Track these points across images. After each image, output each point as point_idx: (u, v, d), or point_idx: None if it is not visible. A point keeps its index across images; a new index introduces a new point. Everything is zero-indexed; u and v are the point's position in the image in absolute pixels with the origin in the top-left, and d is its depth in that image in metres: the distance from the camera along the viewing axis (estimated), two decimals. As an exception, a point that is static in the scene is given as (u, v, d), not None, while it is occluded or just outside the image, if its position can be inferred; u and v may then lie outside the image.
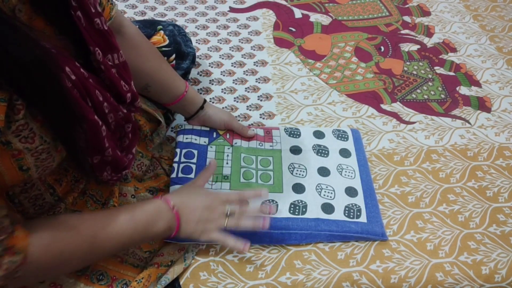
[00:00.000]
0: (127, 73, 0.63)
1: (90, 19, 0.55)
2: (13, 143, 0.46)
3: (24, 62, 0.42)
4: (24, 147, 0.48)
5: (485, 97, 1.05)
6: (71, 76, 0.50)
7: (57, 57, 0.48)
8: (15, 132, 0.46)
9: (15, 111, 0.45)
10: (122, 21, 0.75)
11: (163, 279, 0.68)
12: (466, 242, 0.77)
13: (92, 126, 0.53)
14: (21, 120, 0.46)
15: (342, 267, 0.73)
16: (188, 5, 1.31)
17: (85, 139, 0.54)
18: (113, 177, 0.63)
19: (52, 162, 0.53)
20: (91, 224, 0.58)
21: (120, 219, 0.60)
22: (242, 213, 0.69)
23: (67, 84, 0.49)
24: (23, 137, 0.47)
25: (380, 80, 1.09)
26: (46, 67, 0.45)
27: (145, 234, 0.62)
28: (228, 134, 0.89)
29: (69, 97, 0.49)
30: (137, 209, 0.63)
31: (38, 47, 0.44)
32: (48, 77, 0.45)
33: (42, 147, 0.50)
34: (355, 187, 0.82)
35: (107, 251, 0.61)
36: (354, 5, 1.34)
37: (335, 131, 0.92)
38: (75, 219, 0.58)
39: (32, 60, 0.43)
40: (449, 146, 0.93)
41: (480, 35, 1.24)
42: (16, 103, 0.45)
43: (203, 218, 0.67)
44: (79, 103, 0.51)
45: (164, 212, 0.64)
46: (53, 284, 0.61)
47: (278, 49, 1.17)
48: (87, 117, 0.52)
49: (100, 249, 0.59)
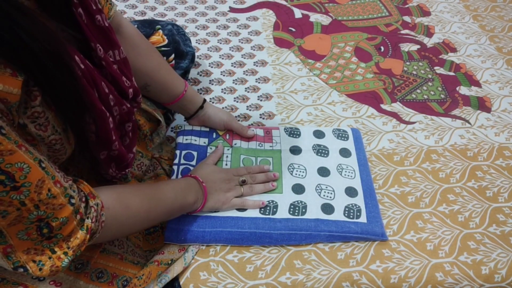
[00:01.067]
0: (128, 69, 0.64)
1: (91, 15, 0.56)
2: (29, 127, 0.47)
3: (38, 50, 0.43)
4: (37, 134, 0.48)
5: (485, 97, 1.05)
6: (80, 65, 0.51)
7: (67, 45, 0.49)
8: (31, 117, 0.47)
9: (32, 97, 0.46)
10: (121, 21, 0.75)
11: (163, 278, 0.68)
12: (466, 242, 0.77)
13: (101, 116, 0.54)
14: (38, 107, 0.47)
15: (342, 267, 0.72)
16: (188, 5, 1.31)
17: (93, 131, 0.55)
18: (117, 174, 0.65)
19: (64, 154, 0.54)
20: (145, 189, 0.65)
21: (163, 188, 0.67)
22: (253, 181, 0.79)
23: (78, 72, 0.50)
24: (38, 124, 0.48)
25: (380, 80, 1.09)
26: (60, 54, 0.46)
27: (182, 203, 0.69)
28: (227, 134, 0.89)
29: (79, 85, 0.50)
30: (174, 182, 0.73)
31: (51, 35, 0.45)
32: (61, 64, 0.46)
33: (54, 137, 0.51)
34: (355, 187, 0.82)
35: (159, 214, 0.66)
36: (354, 5, 1.34)
37: (335, 130, 0.92)
38: (130, 186, 0.63)
39: (46, 48, 0.44)
40: (449, 146, 0.93)
41: (480, 35, 1.24)
42: (33, 89, 0.46)
43: (223, 188, 0.75)
44: (89, 92, 0.52)
45: (194, 185, 0.72)
46: (53, 282, 0.61)
47: (278, 49, 1.17)
48: (96, 106, 0.53)
49: (155, 212, 0.64)
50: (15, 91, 0.43)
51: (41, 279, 0.60)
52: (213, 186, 0.74)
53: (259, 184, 0.79)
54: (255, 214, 0.76)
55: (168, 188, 0.68)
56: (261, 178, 0.80)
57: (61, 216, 0.48)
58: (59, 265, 0.49)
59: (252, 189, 0.78)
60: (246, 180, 0.78)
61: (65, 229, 0.49)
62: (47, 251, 0.49)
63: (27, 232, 0.47)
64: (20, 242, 0.47)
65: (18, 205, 0.44)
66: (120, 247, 0.69)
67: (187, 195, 0.69)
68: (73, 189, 0.50)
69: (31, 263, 0.48)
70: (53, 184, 0.47)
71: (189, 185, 0.71)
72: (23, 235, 0.47)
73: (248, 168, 0.81)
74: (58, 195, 0.47)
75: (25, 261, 0.48)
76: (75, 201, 0.50)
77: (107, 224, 0.55)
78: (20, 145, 0.44)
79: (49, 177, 0.47)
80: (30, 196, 0.44)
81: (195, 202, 0.71)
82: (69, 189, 0.49)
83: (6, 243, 0.46)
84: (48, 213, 0.47)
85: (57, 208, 0.47)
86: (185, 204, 0.69)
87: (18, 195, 0.44)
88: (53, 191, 0.47)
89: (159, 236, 0.76)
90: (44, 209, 0.46)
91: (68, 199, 0.49)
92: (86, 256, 0.64)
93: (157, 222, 0.70)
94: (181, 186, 0.70)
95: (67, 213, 0.48)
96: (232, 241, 0.74)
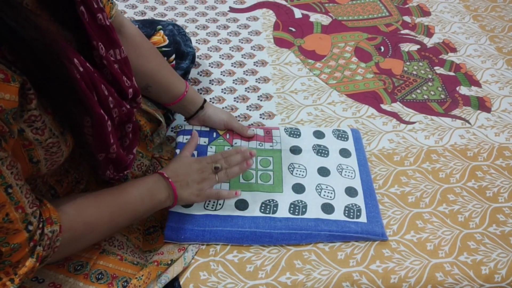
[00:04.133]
0: (128, 68, 0.63)
1: (93, 14, 0.55)
2: (26, 132, 0.47)
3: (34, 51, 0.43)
4: (34, 138, 0.48)
5: (485, 97, 1.05)
6: (79, 68, 0.50)
7: (66, 48, 0.48)
8: (27, 121, 0.47)
9: (28, 100, 0.45)
10: (122, 21, 0.75)
11: (163, 278, 0.68)
12: (466, 242, 0.77)
13: (99, 120, 0.54)
14: (34, 111, 0.46)
15: (342, 267, 0.73)
16: (188, 5, 1.31)
17: (91, 134, 0.54)
18: (115, 176, 0.64)
19: (61, 157, 0.54)
20: (106, 197, 0.63)
21: (128, 191, 0.66)
22: (229, 165, 0.75)
23: (76, 75, 0.49)
24: (35, 128, 0.48)
25: (380, 80, 1.09)
26: (56, 57, 0.45)
27: (151, 203, 0.67)
28: (228, 134, 0.89)
29: (77, 88, 0.49)
30: (139, 182, 0.69)
31: (48, 37, 0.45)
32: (58, 66, 0.46)
33: (51, 140, 0.50)
34: (355, 187, 0.82)
35: (126, 220, 0.65)
36: (354, 5, 1.34)
37: (335, 131, 0.92)
38: (92, 196, 0.61)
39: (42, 50, 0.43)
40: (449, 146, 0.93)
41: (480, 35, 1.24)
42: (28, 92, 0.45)
43: (196, 180, 0.72)
44: (87, 95, 0.51)
45: (161, 181, 0.69)
46: (52, 284, 0.61)
47: (278, 49, 1.17)
48: (94, 110, 0.52)
49: (119, 218, 0.64)
50: (8, 96, 0.42)
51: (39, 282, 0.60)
52: (184, 178, 0.71)
53: (235, 167, 0.75)
54: (255, 213, 0.76)
55: (133, 190, 0.66)
56: (236, 159, 0.75)
57: (13, 242, 0.47)
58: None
59: (227, 174, 0.74)
60: (219, 167, 0.74)
61: (15, 256, 0.48)
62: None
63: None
64: None
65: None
66: (120, 247, 0.69)
67: (155, 193, 0.68)
68: (34, 215, 0.50)
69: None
70: (14, 210, 0.46)
71: (156, 182, 0.69)
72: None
73: (224, 152, 0.77)
74: (16, 221, 0.47)
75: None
76: (32, 227, 0.49)
77: (63, 245, 0.54)
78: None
79: (12, 202, 0.46)
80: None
81: (166, 199, 0.69)
82: (30, 216, 0.49)
83: None
84: (0, 237, 0.46)
85: (10, 233, 0.47)
86: (155, 203, 0.68)
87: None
88: (11, 216, 0.46)
89: (159, 236, 0.76)
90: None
91: (26, 225, 0.48)
92: (85, 257, 0.64)
93: (125, 225, 0.68)
94: (148, 186, 0.68)
95: (21, 239, 0.48)
96: (232, 240, 0.74)
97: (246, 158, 0.76)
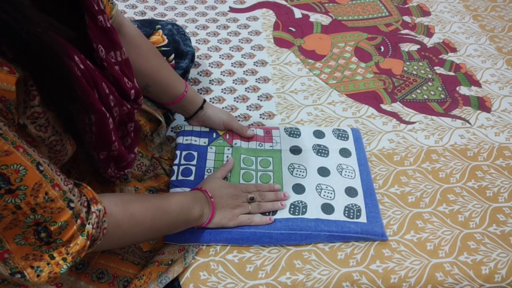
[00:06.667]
0: (129, 70, 0.63)
1: (93, 16, 0.55)
2: (29, 128, 0.46)
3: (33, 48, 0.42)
4: (37, 135, 0.48)
5: (485, 97, 1.05)
6: (80, 65, 0.50)
7: (66, 46, 0.48)
8: (30, 118, 0.46)
9: (31, 96, 0.45)
10: (122, 21, 0.75)
11: (163, 278, 0.68)
12: (466, 242, 0.77)
13: (100, 117, 0.53)
14: (37, 107, 0.46)
15: (342, 267, 0.73)
16: (188, 5, 1.31)
17: (93, 132, 0.54)
18: (116, 174, 0.64)
19: (65, 155, 0.53)
20: (150, 199, 0.64)
21: (170, 199, 0.66)
22: (262, 199, 0.77)
23: (77, 72, 0.49)
24: (38, 125, 0.47)
25: (380, 80, 1.09)
26: (55, 54, 0.45)
27: (187, 216, 0.68)
28: (227, 134, 0.89)
29: (78, 85, 0.49)
30: (181, 195, 0.70)
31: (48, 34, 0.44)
32: (57, 64, 0.45)
33: (54, 138, 0.50)
34: (355, 187, 0.82)
35: (163, 226, 0.65)
36: (354, 5, 1.34)
37: (335, 130, 0.92)
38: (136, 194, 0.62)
39: (41, 47, 0.43)
40: (449, 146, 0.93)
41: (480, 35, 1.24)
42: (31, 89, 0.45)
43: (230, 205, 0.74)
44: (88, 92, 0.51)
45: (202, 198, 0.71)
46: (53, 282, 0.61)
47: (278, 49, 1.17)
48: (95, 107, 0.52)
49: (160, 222, 0.64)
50: (13, 88, 0.42)
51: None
52: (220, 201, 0.73)
53: (268, 202, 0.77)
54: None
55: (174, 200, 0.66)
56: (270, 196, 0.77)
57: (60, 220, 0.47)
58: (57, 272, 0.48)
59: (260, 207, 0.76)
60: (254, 198, 0.76)
61: (65, 234, 0.48)
62: (46, 257, 0.48)
63: (25, 236, 0.45)
64: (18, 248, 0.46)
65: (14, 209, 0.43)
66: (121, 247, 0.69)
67: (193, 209, 0.68)
68: (73, 193, 0.49)
69: (29, 269, 0.47)
70: (51, 188, 0.46)
71: (196, 199, 0.70)
72: (21, 240, 0.45)
73: (258, 185, 0.79)
74: (56, 199, 0.46)
75: (22, 267, 0.46)
76: (74, 205, 0.49)
77: (109, 231, 0.54)
78: (17, 146, 0.43)
79: (47, 180, 0.46)
80: (26, 199, 0.43)
81: (200, 217, 0.70)
82: (68, 193, 0.48)
83: (3, 248, 0.45)
84: (45, 217, 0.46)
85: (55, 211, 0.46)
86: (190, 218, 0.68)
87: (13, 199, 0.42)
88: (51, 194, 0.46)
89: (159, 236, 0.76)
90: (42, 213, 0.45)
91: (67, 203, 0.48)
92: (87, 257, 0.64)
93: (161, 234, 0.69)
94: (187, 199, 0.68)
95: (66, 217, 0.47)
96: (232, 241, 0.74)
97: (279, 198, 0.78)
